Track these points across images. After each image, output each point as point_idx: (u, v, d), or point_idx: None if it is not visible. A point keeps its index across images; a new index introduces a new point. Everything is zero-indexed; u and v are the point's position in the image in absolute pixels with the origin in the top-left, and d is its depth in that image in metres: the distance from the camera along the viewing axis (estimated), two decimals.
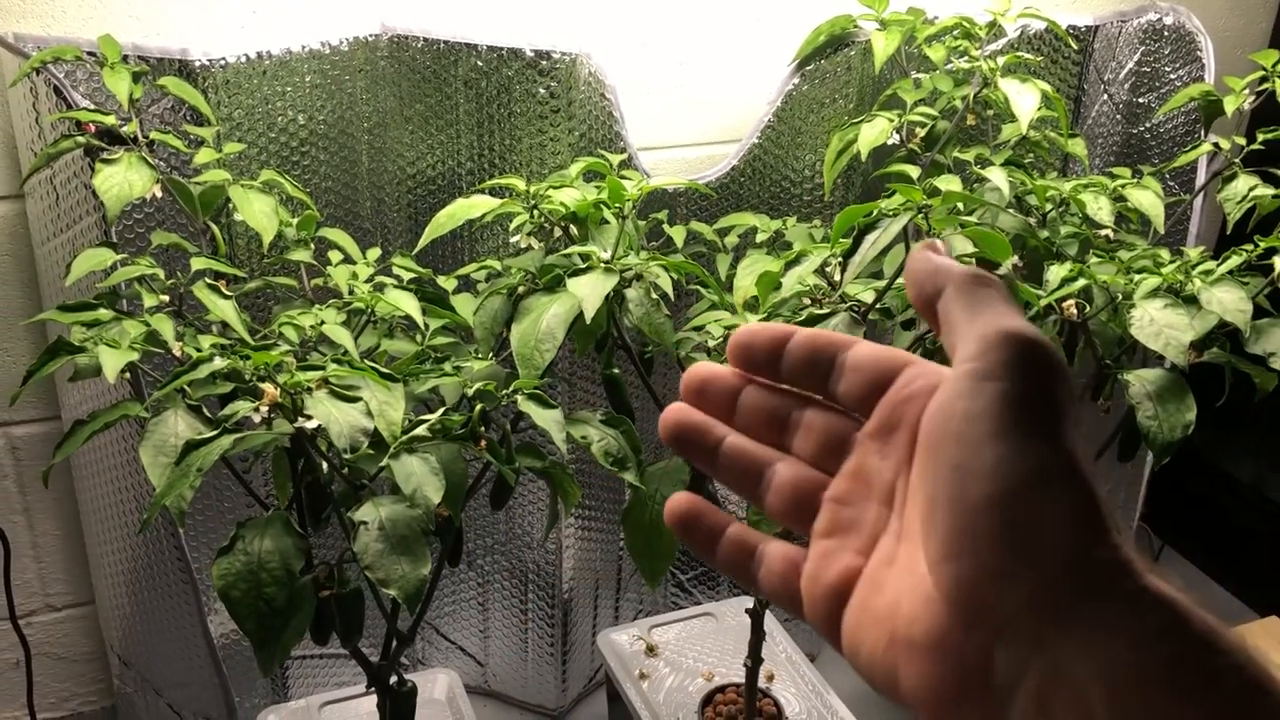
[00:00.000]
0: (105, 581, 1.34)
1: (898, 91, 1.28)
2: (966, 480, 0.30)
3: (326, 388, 0.84)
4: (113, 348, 0.86)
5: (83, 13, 1.15)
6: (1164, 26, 1.53)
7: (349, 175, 1.25)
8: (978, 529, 0.30)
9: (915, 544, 0.33)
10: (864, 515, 0.36)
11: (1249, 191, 1.24)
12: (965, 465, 0.30)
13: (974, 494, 0.30)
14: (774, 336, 0.38)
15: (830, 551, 0.36)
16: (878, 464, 0.36)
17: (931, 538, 0.31)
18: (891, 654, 0.33)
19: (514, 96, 1.23)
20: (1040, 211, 1.25)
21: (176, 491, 0.81)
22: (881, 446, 0.36)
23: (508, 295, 1.03)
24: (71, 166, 1.11)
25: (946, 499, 0.31)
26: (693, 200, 1.39)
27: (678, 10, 1.37)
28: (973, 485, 0.30)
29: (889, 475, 0.36)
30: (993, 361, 0.31)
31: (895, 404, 0.35)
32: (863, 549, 0.36)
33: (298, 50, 1.16)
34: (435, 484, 0.85)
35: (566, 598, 1.49)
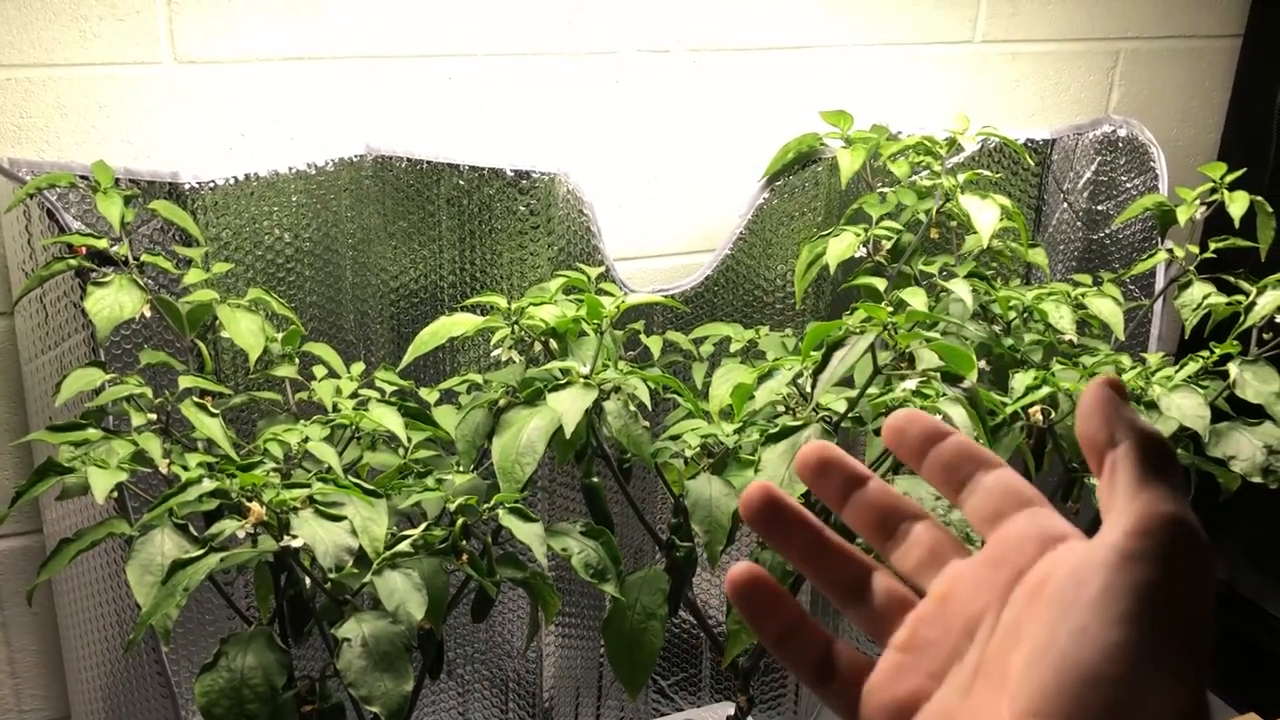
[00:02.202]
0: (82, 698, 1.33)
1: (864, 206, 1.33)
2: (1085, 649, 0.31)
3: (312, 506, 0.85)
4: (101, 468, 0.88)
5: (76, 138, 1.18)
6: (1118, 138, 1.60)
7: (334, 290, 1.28)
8: (1078, 697, 0.30)
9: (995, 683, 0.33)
10: (944, 640, 0.36)
11: (1203, 299, 1.28)
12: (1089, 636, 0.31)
13: (1088, 666, 0.30)
14: (932, 429, 0.40)
15: (903, 667, 0.37)
16: (969, 594, 0.36)
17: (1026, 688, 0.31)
18: None
19: (495, 213, 1.27)
20: (1004, 320, 1.29)
21: (163, 611, 0.82)
22: (978, 578, 0.36)
23: (489, 409, 1.05)
24: (61, 285, 1.13)
25: (1057, 659, 0.31)
26: (669, 309, 1.43)
27: (651, 128, 1.42)
28: (1090, 656, 0.30)
29: (978, 608, 0.36)
30: (1151, 547, 0.31)
31: (1006, 541, 0.36)
32: (935, 673, 0.36)
33: (284, 171, 1.20)
34: (418, 600, 0.87)
35: (547, 706, 1.49)
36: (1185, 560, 0.31)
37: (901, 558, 0.40)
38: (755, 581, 0.39)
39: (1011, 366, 1.22)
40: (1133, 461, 0.34)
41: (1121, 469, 0.34)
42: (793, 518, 0.40)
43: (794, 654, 0.40)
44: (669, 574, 1.12)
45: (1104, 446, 0.34)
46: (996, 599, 0.35)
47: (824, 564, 0.40)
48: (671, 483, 1.14)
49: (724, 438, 1.10)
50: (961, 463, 0.39)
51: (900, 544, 0.40)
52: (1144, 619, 0.30)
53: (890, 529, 0.40)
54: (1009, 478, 0.38)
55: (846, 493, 0.41)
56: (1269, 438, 1.15)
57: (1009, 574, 0.35)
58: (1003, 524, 0.37)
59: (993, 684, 0.34)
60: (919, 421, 0.40)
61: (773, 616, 0.40)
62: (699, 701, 1.65)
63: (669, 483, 1.14)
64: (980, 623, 0.36)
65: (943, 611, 0.37)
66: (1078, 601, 0.31)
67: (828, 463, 0.41)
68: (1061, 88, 1.66)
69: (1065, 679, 0.31)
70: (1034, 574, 0.34)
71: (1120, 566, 0.31)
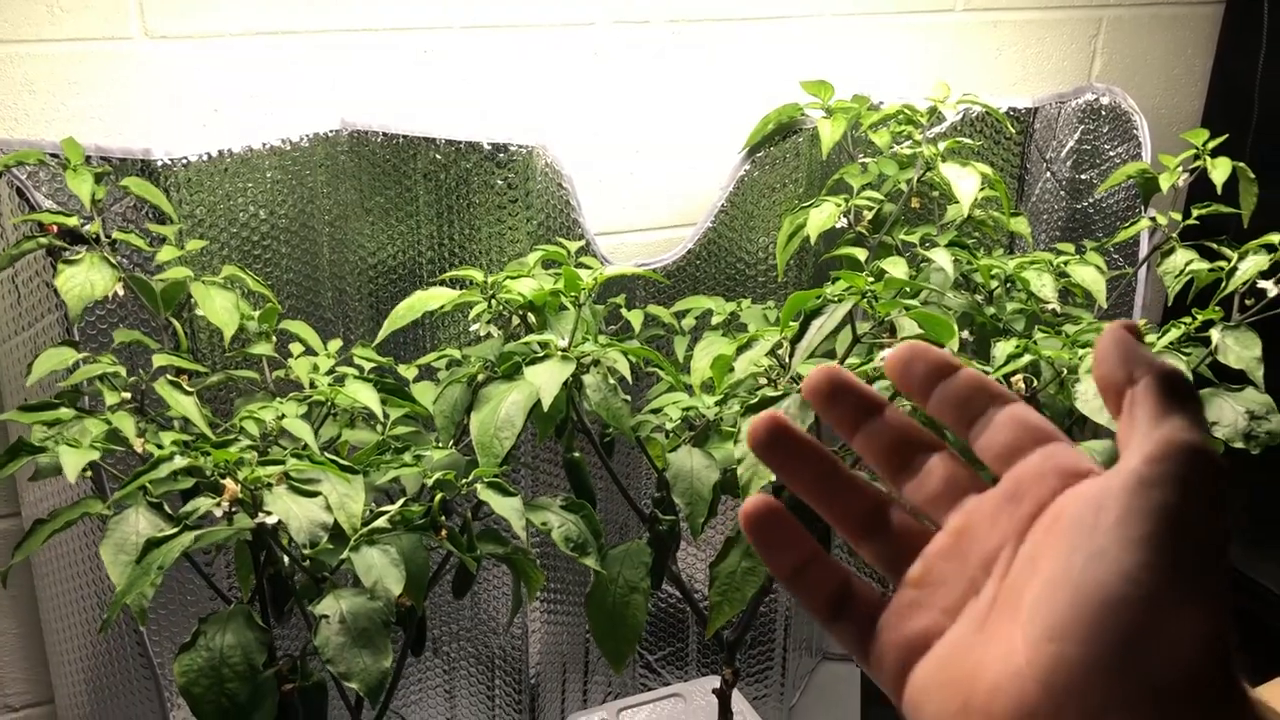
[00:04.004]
0: (65, 679, 1.32)
1: (844, 176, 1.32)
2: (1103, 573, 0.30)
3: (286, 482, 0.84)
4: (73, 447, 0.87)
5: (45, 115, 1.17)
6: (1101, 106, 1.59)
7: (310, 267, 1.27)
8: (1097, 620, 0.30)
9: (1012, 616, 0.33)
10: (959, 575, 0.36)
11: (1186, 265, 1.28)
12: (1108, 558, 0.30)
13: (1107, 588, 0.30)
14: (940, 361, 0.38)
15: (917, 602, 0.36)
16: (986, 528, 0.36)
17: (1042, 615, 0.31)
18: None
19: (472, 188, 1.26)
20: (986, 289, 1.28)
21: (137, 590, 0.82)
22: (995, 512, 0.36)
23: (467, 384, 1.04)
24: (34, 265, 1.12)
25: (1075, 583, 0.30)
26: (650, 283, 1.42)
27: (630, 100, 1.41)
28: (1108, 579, 0.30)
29: (994, 543, 0.35)
30: (1168, 472, 0.31)
31: (1025, 476, 0.35)
32: (950, 609, 0.35)
33: (259, 147, 1.19)
34: (396, 575, 0.86)
35: (533, 682, 1.49)
36: (1204, 486, 0.31)
37: (915, 490, 0.38)
38: (769, 513, 0.38)
39: (994, 335, 1.21)
40: (1151, 395, 0.33)
41: (1140, 404, 0.33)
42: (803, 447, 0.39)
43: (808, 588, 0.39)
44: (652, 547, 1.12)
45: (1123, 385, 0.34)
46: (1014, 534, 0.34)
47: (836, 496, 0.39)
48: (654, 456, 1.14)
49: (705, 410, 1.10)
50: (974, 396, 0.37)
51: (914, 476, 0.38)
52: (1163, 542, 0.30)
53: (904, 460, 0.39)
54: (1025, 413, 0.37)
55: (858, 420, 0.39)
56: (1251, 403, 1.15)
57: (1028, 508, 0.34)
58: (1020, 460, 0.36)
59: (1008, 616, 0.33)
60: (926, 354, 0.38)
61: (787, 549, 0.39)
62: (686, 675, 1.65)
63: (651, 456, 1.14)
64: (997, 558, 0.35)
65: (958, 546, 0.36)
66: (1096, 527, 0.31)
67: (839, 387, 0.39)
68: (1044, 56, 1.65)
69: (1082, 602, 0.30)
70: (1053, 508, 0.34)
71: (1139, 491, 0.31)
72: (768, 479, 0.93)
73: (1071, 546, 0.31)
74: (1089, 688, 0.29)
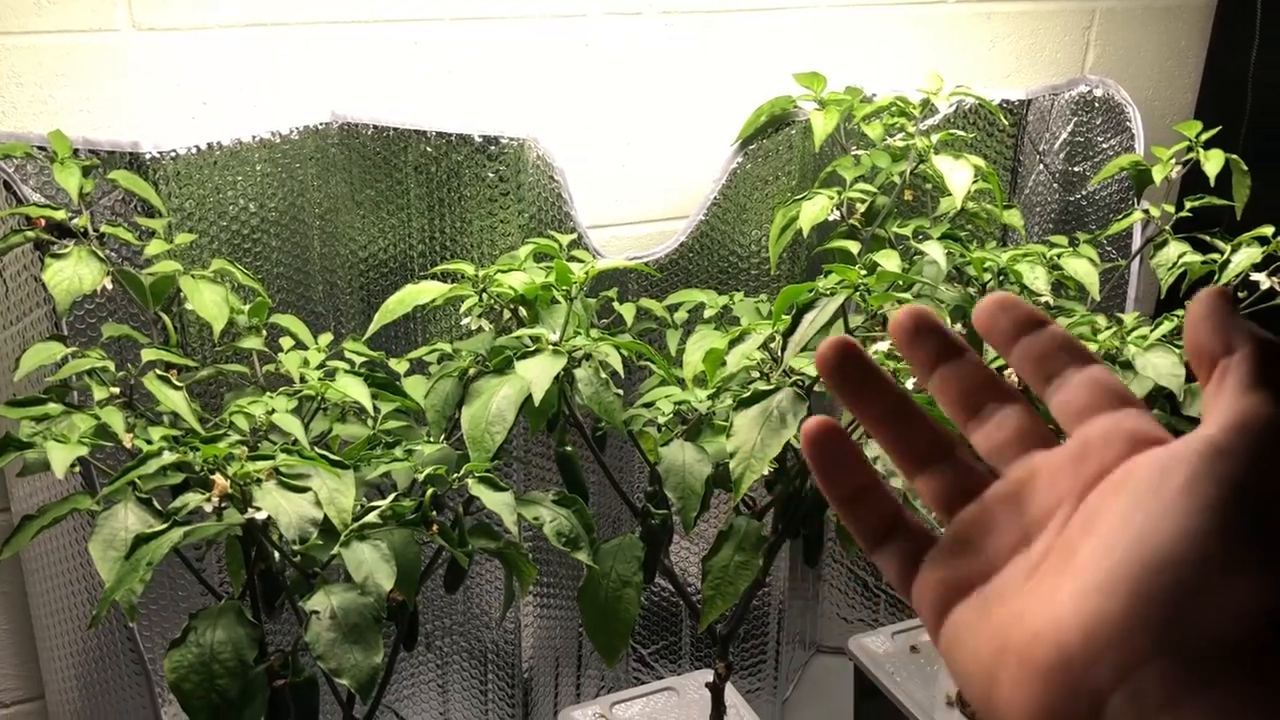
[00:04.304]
0: (56, 675, 1.32)
1: (837, 169, 1.31)
2: (1162, 533, 0.29)
3: (276, 478, 0.84)
4: (61, 443, 0.86)
5: (33, 107, 1.16)
6: (1094, 98, 1.59)
7: (301, 261, 1.26)
8: (1146, 577, 0.29)
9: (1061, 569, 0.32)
10: (1012, 524, 0.35)
11: (1179, 258, 1.28)
12: (1170, 519, 0.29)
13: (1165, 549, 0.29)
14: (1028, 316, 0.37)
15: (966, 544, 0.36)
16: (1047, 484, 0.35)
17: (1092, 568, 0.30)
18: (999, 664, 0.32)
19: (464, 181, 1.25)
20: (979, 281, 1.28)
21: (127, 586, 0.81)
22: (1059, 470, 0.35)
23: (458, 378, 1.04)
24: (22, 259, 1.11)
25: (1133, 541, 0.30)
26: (643, 276, 1.42)
27: (622, 93, 1.40)
28: (1167, 540, 0.29)
29: (1054, 499, 0.34)
30: (1246, 444, 0.30)
31: (1094, 438, 0.34)
32: (1000, 555, 0.35)
33: (248, 140, 1.18)
34: (387, 571, 0.86)
35: (526, 677, 1.49)
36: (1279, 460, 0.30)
37: (985, 437, 0.38)
38: (831, 433, 0.38)
39: None
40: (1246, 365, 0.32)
41: (1233, 373, 0.32)
42: (874, 375, 0.38)
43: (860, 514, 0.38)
44: (644, 541, 1.12)
45: (1218, 354, 0.33)
46: (1075, 493, 0.34)
47: (902, 427, 0.38)
48: (646, 450, 1.13)
49: (697, 404, 1.09)
50: (1055, 353, 0.37)
51: (985, 423, 0.38)
52: (1229, 510, 0.29)
53: (978, 406, 0.38)
54: (1106, 376, 0.36)
55: (938, 361, 0.38)
56: None
57: (1093, 469, 0.34)
58: (1092, 420, 0.35)
59: (1058, 569, 0.32)
60: (1015, 307, 0.38)
61: (846, 472, 0.38)
62: (679, 669, 1.65)
63: (643, 450, 1.14)
64: (1054, 514, 0.34)
65: (1017, 497, 0.36)
66: (1161, 489, 0.30)
67: (925, 325, 0.38)
68: (1037, 48, 1.64)
69: (1135, 558, 0.29)
70: (1120, 471, 0.33)
71: (1210, 457, 0.30)
72: (760, 473, 0.93)
73: (1133, 505, 0.31)
74: (1128, 642, 0.29)
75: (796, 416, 0.93)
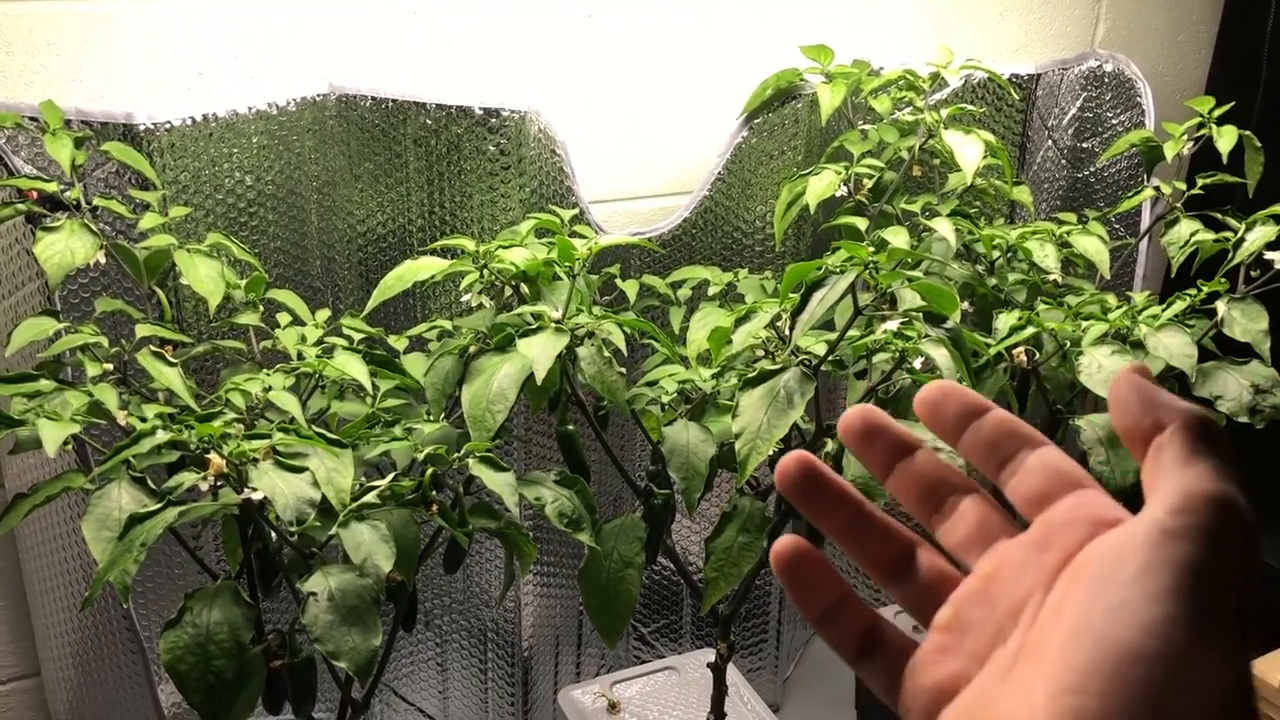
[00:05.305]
0: (52, 653, 1.30)
1: (845, 144, 1.29)
2: (1124, 625, 0.30)
3: (272, 457, 0.82)
4: (53, 420, 0.85)
5: (24, 77, 1.13)
6: (1104, 73, 1.56)
7: (298, 235, 1.24)
8: (1117, 674, 0.29)
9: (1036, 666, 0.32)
10: (987, 621, 0.36)
11: (1190, 236, 1.26)
12: (1128, 611, 0.30)
13: (1128, 641, 0.29)
14: (969, 404, 0.38)
15: (946, 647, 0.36)
16: (1015, 575, 0.36)
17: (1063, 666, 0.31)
18: None
19: (464, 154, 1.23)
20: (988, 259, 1.26)
21: (120, 567, 0.80)
22: (1024, 559, 0.35)
23: (459, 355, 1.02)
24: (14, 232, 1.09)
25: (1095, 636, 0.30)
26: (646, 252, 1.40)
27: (625, 65, 1.38)
28: (1129, 632, 0.30)
29: (1023, 590, 0.35)
30: (1193, 524, 0.31)
31: (1054, 524, 0.35)
32: (978, 655, 0.35)
33: (244, 112, 1.16)
34: (385, 551, 0.84)
35: (526, 656, 1.47)
36: (1228, 538, 0.30)
37: (947, 533, 0.39)
38: (800, 555, 0.39)
39: (995, 307, 1.19)
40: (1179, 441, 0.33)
41: (1168, 449, 0.33)
42: (833, 490, 0.39)
43: (837, 630, 0.39)
44: (646, 522, 1.10)
45: (1150, 432, 0.34)
46: (1042, 582, 0.34)
47: (866, 539, 0.39)
48: (649, 429, 1.12)
49: (701, 383, 1.08)
50: (1004, 439, 0.37)
51: (947, 518, 0.39)
52: (1185, 594, 0.30)
53: (937, 501, 0.39)
54: (1055, 457, 0.37)
55: (892, 460, 0.39)
56: (1256, 377, 1.13)
57: (1056, 557, 0.34)
58: (1050, 506, 0.36)
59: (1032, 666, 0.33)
60: (956, 395, 0.38)
61: (818, 590, 0.39)
62: (680, 648, 1.64)
63: (646, 430, 1.12)
64: (1025, 605, 0.35)
65: (988, 591, 0.36)
66: (1117, 578, 0.31)
67: (873, 427, 0.39)
68: (1047, 21, 1.62)
69: (1103, 654, 0.30)
70: (1080, 558, 0.34)
71: (1161, 543, 0.30)
72: (766, 454, 0.91)
73: (1093, 597, 0.31)
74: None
75: (804, 397, 0.91)
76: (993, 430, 0.38)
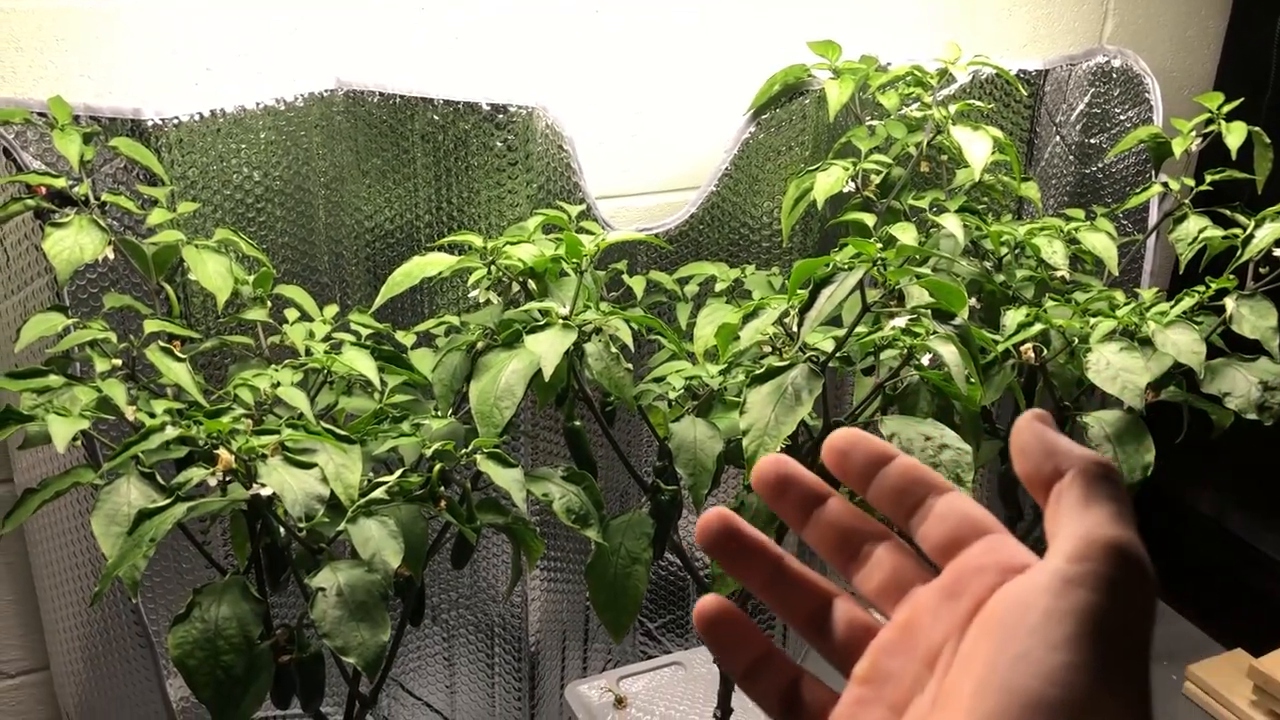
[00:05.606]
0: (61, 647, 1.31)
1: (852, 139, 1.29)
2: (1028, 675, 0.30)
3: (281, 453, 0.82)
4: (62, 416, 0.85)
5: (34, 72, 1.14)
6: (1112, 69, 1.56)
7: (306, 231, 1.24)
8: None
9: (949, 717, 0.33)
10: (905, 671, 0.36)
11: (1199, 232, 1.25)
12: (1031, 660, 0.30)
13: (1031, 691, 0.30)
14: (875, 452, 0.38)
15: (866, 700, 0.36)
16: (930, 623, 0.36)
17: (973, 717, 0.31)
18: None
19: (471, 150, 1.23)
20: (996, 256, 1.26)
21: (129, 562, 0.80)
22: (938, 607, 0.36)
23: (466, 351, 1.02)
24: (22, 228, 1.09)
25: (1001, 687, 0.30)
26: (653, 248, 1.40)
27: (632, 60, 1.38)
28: (1033, 682, 0.30)
29: (938, 638, 0.35)
30: (1092, 572, 0.31)
31: (965, 571, 0.35)
32: (897, 706, 0.35)
33: (252, 107, 1.16)
34: (394, 547, 0.84)
35: (533, 650, 1.48)
36: (1127, 585, 0.31)
37: (864, 581, 0.39)
38: (722, 613, 0.39)
39: (1003, 303, 1.19)
40: (1078, 487, 0.33)
41: (1066, 495, 0.34)
42: (751, 546, 0.39)
43: (760, 686, 0.39)
44: (653, 518, 1.10)
45: (1050, 479, 0.34)
46: (955, 630, 0.34)
47: (785, 592, 0.39)
48: (656, 425, 1.12)
49: (709, 379, 1.08)
50: (910, 486, 0.38)
51: (862, 566, 0.39)
52: (1086, 642, 0.30)
53: (853, 549, 0.39)
54: (962, 503, 0.37)
55: (807, 510, 0.40)
56: (1264, 373, 1.13)
57: (968, 604, 0.34)
58: (960, 552, 0.36)
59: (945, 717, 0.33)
60: (862, 444, 0.38)
61: (739, 647, 0.39)
62: (686, 644, 1.64)
63: (653, 425, 1.12)
64: (940, 654, 0.35)
65: (905, 641, 0.36)
66: (1021, 627, 0.31)
67: (786, 479, 0.39)
68: (1055, 16, 1.61)
69: (1009, 704, 0.30)
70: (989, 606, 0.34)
71: (1061, 591, 0.31)
72: (774, 451, 0.91)
73: (999, 647, 0.31)
74: None
75: (811, 393, 0.91)
76: (899, 477, 0.38)
